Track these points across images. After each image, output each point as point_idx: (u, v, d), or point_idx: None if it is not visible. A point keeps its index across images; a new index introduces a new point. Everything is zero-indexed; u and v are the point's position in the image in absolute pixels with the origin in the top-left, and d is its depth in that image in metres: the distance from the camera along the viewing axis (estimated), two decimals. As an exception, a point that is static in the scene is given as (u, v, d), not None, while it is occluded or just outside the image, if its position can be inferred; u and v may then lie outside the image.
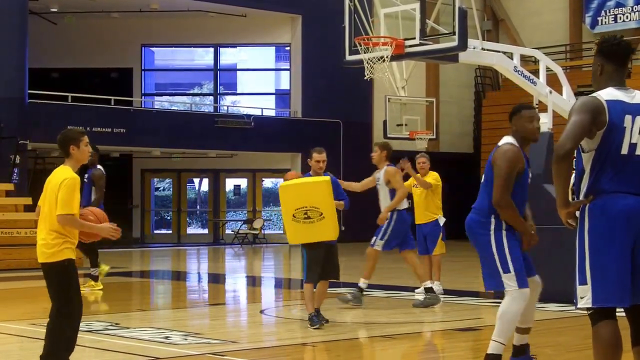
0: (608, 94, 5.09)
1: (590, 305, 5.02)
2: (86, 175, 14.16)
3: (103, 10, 30.11)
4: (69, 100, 26.67)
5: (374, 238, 11.72)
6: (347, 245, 16.47)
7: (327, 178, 9.75)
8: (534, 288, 7.17)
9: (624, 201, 5.01)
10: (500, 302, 6.92)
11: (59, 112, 25.88)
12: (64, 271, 6.65)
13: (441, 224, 13.01)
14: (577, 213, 5.15)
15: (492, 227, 6.71)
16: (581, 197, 5.12)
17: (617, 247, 4.98)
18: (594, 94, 5.11)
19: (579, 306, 5.09)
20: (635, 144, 5.05)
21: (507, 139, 6.82)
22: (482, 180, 6.90)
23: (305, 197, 9.52)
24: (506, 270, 6.71)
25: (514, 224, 6.75)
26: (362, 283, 11.79)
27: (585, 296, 5.05)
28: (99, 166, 14.27)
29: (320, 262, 9.73)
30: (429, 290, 11.78)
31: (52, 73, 30.88)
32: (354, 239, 21.33)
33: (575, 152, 5.12)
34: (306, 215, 9.48)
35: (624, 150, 5.04)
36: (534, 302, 7.20)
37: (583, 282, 5.06)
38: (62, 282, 6.66)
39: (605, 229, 5.00)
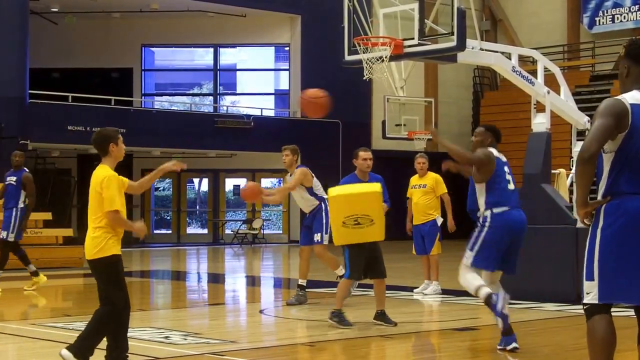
0: (632, 97, 5.14)
1: (596, 302, 5.09)
2: (14, 178, 14.03)
3: (103, 10, 30.16)
4: (70, 100, 26.71)
5: (318, 235, 11.76)
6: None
7: (378, 188, 9.79)
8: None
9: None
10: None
11: (59, 112, 25.94)
12: (111, 266, 6.80)
13: (439, 224, 13.07)
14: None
15: None
16: (599, 198, 5.18)
17: (629, 247, 5.04)
18: (619, 97, 5.16)
19: (584, 301, 5.16)
20: None
21: None
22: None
23: (356, 207, 9.56)
24: None
25: None
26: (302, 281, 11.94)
27: (591, 292, 5.11)
28: (26, 169, 14.18)
29: (363, 260, 9.79)
30: (301, 287, 11.87)
31: (53, 73, 30.94)
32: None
33: None
34: (356, 222, 9.52)
35: None
36: None
37: (590, 278, 5.13)
38: (110, 276, 6.82)
39: (618, 229, 5.06)
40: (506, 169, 8.57)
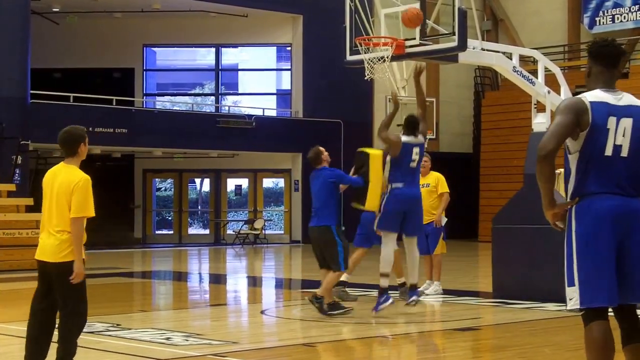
0: (593, 95, 5.13)
1: (578, 307, 5.08)
2: None
3: (105, 10, 30.16)
4: (71, 100, 26.72)
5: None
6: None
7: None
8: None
9: (609, 202, 5.04)
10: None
11: (60, 112, 25.91)
12: None
13: (443, 224, 13.05)
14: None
15: None
16: (568, 199, 5.17)
17: (603, 248, 5.01)
18: (579, 95, 5.17)
19: (567, 308, 5.16)
20: (620, 146, 5.08)
21: None
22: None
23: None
24: None
25: None
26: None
27: (573, 297, 5.10)
28: None
29: None
30: (343, 283, 11.98)
31: (54, 73, 30.94)
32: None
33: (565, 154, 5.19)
34: None
35: (608, 151, 5.07)
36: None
37: (571, 284, 5.12)
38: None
39: (592, 230, 5.05)
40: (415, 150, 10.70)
